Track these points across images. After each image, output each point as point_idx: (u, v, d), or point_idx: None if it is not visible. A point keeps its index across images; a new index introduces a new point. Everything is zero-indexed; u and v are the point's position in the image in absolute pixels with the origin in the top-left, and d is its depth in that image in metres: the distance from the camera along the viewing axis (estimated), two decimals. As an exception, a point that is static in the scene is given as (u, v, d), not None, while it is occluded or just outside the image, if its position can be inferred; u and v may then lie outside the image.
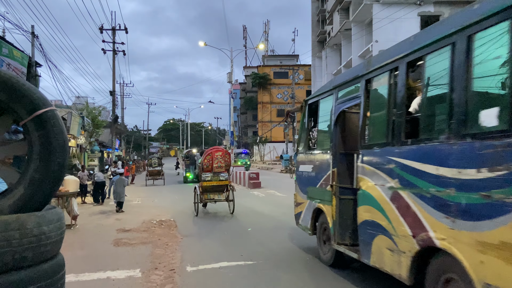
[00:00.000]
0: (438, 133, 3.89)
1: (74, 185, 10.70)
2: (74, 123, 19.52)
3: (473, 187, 3.37)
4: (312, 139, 7.67)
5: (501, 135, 3.08)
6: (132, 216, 12.34)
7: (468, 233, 3.41)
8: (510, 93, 3.05)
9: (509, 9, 3.04)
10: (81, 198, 15.94)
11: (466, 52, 3.54)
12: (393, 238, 4.53)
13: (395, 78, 4.73)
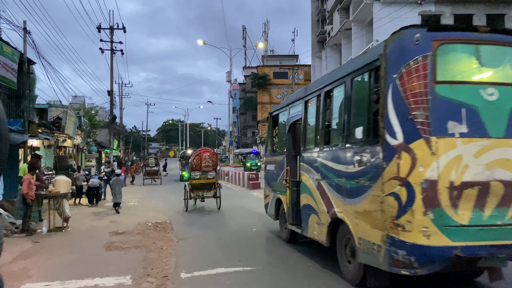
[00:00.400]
0: (337, 142, 5.85)
1: (66, 186, 10.24)
2: (69, 123, 19.06)
3: (352, 176, 5.19)
4: (274, 144, 9.54)
5: (364, 145, 4.98)
6: (127, 218, 11.88)
7: (350, 206, 5.20)
8: (376, 116, 4.65)
9: (374, 62, 4.83)
10: (74, 200, 15.48)
11: (350, 88, 5.45)
12: (318, 215, 6.31)
13: (318, 102, 6.61)
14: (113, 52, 32.81)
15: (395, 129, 4.36)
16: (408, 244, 4.17)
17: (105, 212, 13.37)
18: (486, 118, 4.33)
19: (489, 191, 4.27)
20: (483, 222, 4.25)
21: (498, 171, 4.30)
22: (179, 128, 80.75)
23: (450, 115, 4.30)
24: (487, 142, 4.32)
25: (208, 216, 12.45)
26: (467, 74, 4.56)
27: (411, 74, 4.34)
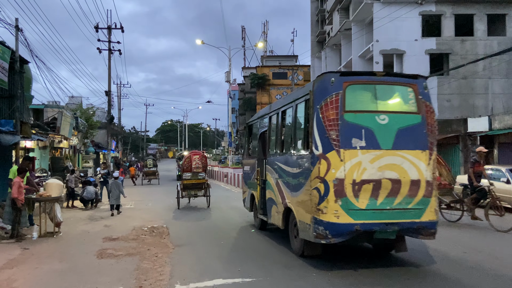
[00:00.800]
0: (287, 150, 7.59)
1: (58, 189, 9.78)
2: (65, 123, 18.60)
3: (295, 176, 6.88)
4: (249, 150, 11.34)
5: (302, 154, 6.69)
6: (122, 222, 11.43)
7: (294, 198, 6.94)
8: (307, 133, 6.52)
9: (306, 95, 6.55)
10: (67, 203, 15.02)
11: (295, 112, 7.32)
12: (277, 206, 8.07)
13: (277, 118, 8.41)
14: (111, 52, 32.34)
15: (318, 143, 6.16)
16: (325, 222, 5.98)
17: (100, 215, 12.91)
18: (379, 136, 6.15)
19: (380, 186, 6.05)
20: (376, 207, 6.04)
21: (387, 172, 6.10)
22: (178, 129, 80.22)
23: (354, 134, 6.09)
24: (379, 152, 6.11)
25: (205, 221, 12.00)
26: (366, 105, 6.38)
27: (328, 106, 6.16)
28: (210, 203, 14.93)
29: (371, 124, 6.14)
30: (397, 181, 6.08)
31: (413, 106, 6.51)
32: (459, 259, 7.10)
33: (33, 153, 17.51)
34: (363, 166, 6.02)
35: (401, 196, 6.10)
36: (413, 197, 6.13)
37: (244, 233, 9.90)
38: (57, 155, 22.07)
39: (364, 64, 37.06)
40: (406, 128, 6.28)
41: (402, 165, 6.14)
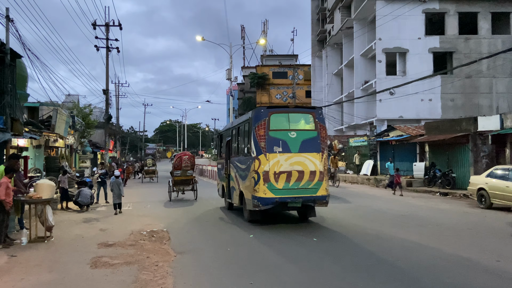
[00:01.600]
0: (240, 154, 11.64)
1: (49, 191, 8.96)
2: (60, 122, 17.76)
3: (244, 170, 10.85)
4: (220, 153, 15.21)
5: (247, 156, 10.65)
6: (120, 225, 10.62)
7: (244, 184, 10.85)
8: (249, 144, 10.47)
9: (247, 120, 10.65)
10: (61, 204, 14.21)
11: (243, 128, 11.27)
12: (235, 191, 11.72)
13: (233, 131, 12.48)
14: (109, 50, 31.56)
15: (254, 150, 9.95)
16: (258, 197, 9.75)
17: (96, 218, 12.09)
18: (290, 144, 9.95)
19: (291, 175, 9.84)
20: (288, 188, 9.81)
21: (295, 166, 9.88)
22: (177, 129, 79.33)
23: (274, 144, 9.86)
24: (290, 155, 9.91)
25: (207, 223, 11.21)
26: (282, 126, 10.09)
27: (260, 127, 9.88)
28: (197, 196, 17.30)
29: (286, 137, 10.02)
30: (301, 171, 9.94)
31: (312, 126, 10.34)
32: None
33: (26, 152, 16.66)
34: (280, 163, 9.88)
35: (304, 180, 9.94)
36: (311, 181, 9.98)
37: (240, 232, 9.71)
38: (53, 154, 21.21)
39: (366, 63, 36.34)
40: (307, 139, 10.16)
41: (304, 162, 9.98)
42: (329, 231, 9.69)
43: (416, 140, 20.33)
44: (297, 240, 8.73)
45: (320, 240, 8.65)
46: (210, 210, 13.91)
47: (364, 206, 14.09)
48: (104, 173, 16.12)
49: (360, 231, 9.58)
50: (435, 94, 31.86)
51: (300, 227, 10.20)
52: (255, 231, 9.57)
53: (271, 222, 10.68)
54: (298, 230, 9.75)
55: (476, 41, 32.15)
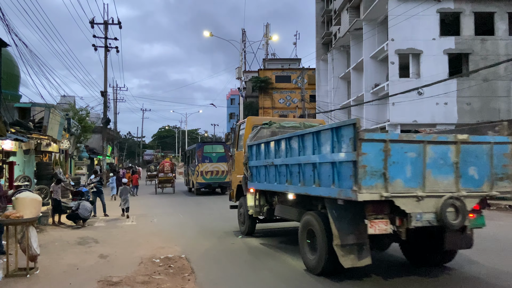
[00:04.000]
0: (191, 162, 25.99)
1: (32, 207, 6.67)
2: (53, 123, 15.46)
3: (193, 170, 24.36)
4: (185, 162, 30.97)
5: (193, 164, 25.04)
6: (125, 250, 8.32)
7: (193, 176, 24.49)
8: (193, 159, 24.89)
9: (194, 148, 25.48)
10: (53, 218, 11.91)
11: (191, 153, 26.43)
12: (192, 181, 25.07)
13: (190, 153, 26.92)
14: (108, 50, 29.29)
15: (196, 161, 23.25)
16: (198, 182, 23.00)
17: (94, 237, 9.78)
18: (213, 158, 23.13)
19: (212, 172, 22.92)
20: (211, 177, 22.87)
21: (214, 168, 22.99)
22: (176, 135, 76.82)
23: (205, 159, 23.09)
24: (212, 163, 23.02)
25: (235, 247, 8.93)
26: (210, 150, 23.63)
27: (199, 151, 23.39)
28: (174, 190, 25.54)
29: (211, 155, 22.97)
30: (217, 171, 22.64)
31: (222, 150, 23.03)
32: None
33: (14, 157, 14.35)
34: (207, 167, 22.62)
35: (218, 174, 22.64)
36: (222, 175, 22.50)
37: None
38: (45, 160, 18.86)
39: (377, 65, 34.36)
40: (220, 156, 22.81)
41: (219, 166, 22.58)
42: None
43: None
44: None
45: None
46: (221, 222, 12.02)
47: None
48: (99, 181, 13.82)
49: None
50: (451, 98, 29.91)
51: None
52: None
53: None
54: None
55: (493, 42, 30.32)
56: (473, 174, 5.54)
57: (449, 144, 5.45)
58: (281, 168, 7.21)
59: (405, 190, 5.18)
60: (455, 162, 5.43)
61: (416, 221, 5.22)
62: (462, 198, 5.33)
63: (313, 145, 6.11)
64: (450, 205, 5.28)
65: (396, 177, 5.14)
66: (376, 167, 5.05)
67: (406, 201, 5.18)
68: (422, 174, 5.25)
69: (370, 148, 5.05)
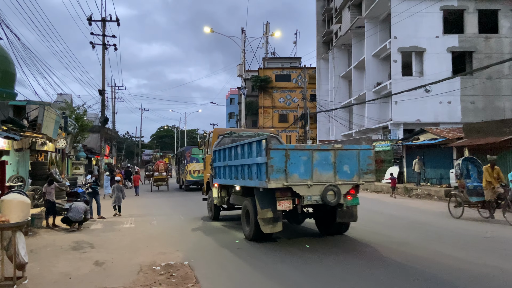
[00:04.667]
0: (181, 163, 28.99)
1: (20, 211, 6.01)
2: (48, 121, 14.78)
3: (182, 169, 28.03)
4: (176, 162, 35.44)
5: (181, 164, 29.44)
6: (122, 255, 7.67)
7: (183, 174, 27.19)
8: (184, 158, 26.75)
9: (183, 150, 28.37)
10: (47, 221, 11.26)
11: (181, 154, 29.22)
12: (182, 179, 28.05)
13: (180, 154, 30.20)
14: (106, 47, 28.61)
15: (185, 161, 25.56)
16: (187, 180, 25.17)
17: (90, 241, 9.12)
18: (200, 159, 22.32)
19: (199, 171, 23.44)
20: (197, 176, 24.08)
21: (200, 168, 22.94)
22: (175, 135, 76.08)
23: (192, 159, 24.92)
24: (198, 163, 23.84)
25: (243, 252, 8.29)
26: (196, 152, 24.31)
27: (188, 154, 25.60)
28: (168, 188, 26.48)
29: (198, 156, 22.94)
30: (200, 170, 22.57)
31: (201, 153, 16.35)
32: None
33: (7, 156, 13.67)
34: (194, 166, 24.41)
35: (201, 173, 21.95)
36: (201, 173, 20.60)
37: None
38: (41, 159, 18.19)
39: (379, 64, 33.78)
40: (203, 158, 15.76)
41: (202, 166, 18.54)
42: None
43: (456, 144, 17.64)
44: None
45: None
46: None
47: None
48: (94, 181, 13.14)
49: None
50: (455, 96, 29.37)
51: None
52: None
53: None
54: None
55: (497, 40, 29.78)
56: (346, 170, 7.99)
57: (329, 150, 7.95)
58: (232, 167, 9.56)
59: (300, 180, 7.64)
60: (333, 162, 7.88)
61: (307, 200, 7.72)
62: (338, 185, 7.79)
63: (247, 152, 8.52)
64: (330, 190, 7.71)
65: (293, 172, 7.59)
66: (280, 166, 7.50)
67: (300, 188, 7.65)
68: (311, 170, 7.72)
69: (276, 154, 7.50)
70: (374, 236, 9.15)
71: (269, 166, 7.40)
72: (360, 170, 8.06)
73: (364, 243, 8.43)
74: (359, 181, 8.03)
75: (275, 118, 48.91)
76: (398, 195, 19.44)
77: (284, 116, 48.86)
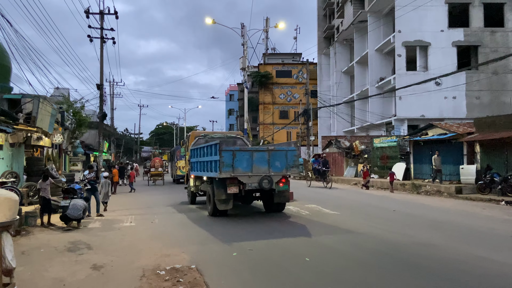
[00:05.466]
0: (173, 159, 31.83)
1: (7, 209, 5.25)
2: (43, 114, 14.00)
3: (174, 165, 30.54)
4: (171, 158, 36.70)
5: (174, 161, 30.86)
6: (123, 258, 6.93)
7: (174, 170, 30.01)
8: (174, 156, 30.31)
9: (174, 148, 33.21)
10: (41, 219, 10.52)
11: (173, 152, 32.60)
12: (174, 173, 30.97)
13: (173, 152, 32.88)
14: (104, 41, 27.69)
15: (175, 159, 28.20)
16: (177, 174, 27.49)
17: (87, 242, 8.37)
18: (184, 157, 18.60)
19: (183, 167, 23.61)
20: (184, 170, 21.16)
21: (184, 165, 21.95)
22: (174, 132, 75.21)
23: (182, 157, 24.14)
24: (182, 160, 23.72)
25: (258, 255, 7.57)
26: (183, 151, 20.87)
27: (178, 152, 26.91)
28: (164, 182, 27.72)
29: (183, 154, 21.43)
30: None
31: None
32: None
33: (1, 151, 12.90)
34: (182, 163, 23.97)
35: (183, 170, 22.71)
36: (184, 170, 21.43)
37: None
38: (37, 155, 17.42)
39: (382, 58, 33.06)
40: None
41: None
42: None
43: (467, 139, 16.95)
44: None
45: None
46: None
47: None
48: (94, 177, 12.35)
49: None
50: (460, 92, 28.70)
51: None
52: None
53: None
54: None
55: (503, 34, 29.09)
56: (277, 165, 10.57)
57: (265, 151, 10.64)
58: (201, 163, 12.27)
59: (243, 172, 10.23)
60: (268, 159, 10.46)
61: (248, 186, 10.33)
62: (271, 176, 10.36)
63: (209, 152, 11.22)
64: (265, 179, 10.26)
65: (238, 167, 10.19)
66: (229, 162, 10.09)
67: (243, 177, 10.26)
68: (251, 165, 10.29)
69: (226, 154, 10.13)
70: (394, 236, 8.45)
71: (221, 162, 10.11)
72: (288, 165, 10.68)
73: (385, 242, 7.72)
74: (287, 173, 10.72)
75: (275, 114, 48.13)
76: (406, 191, 18.76)
77: (284, 113, 48.10)
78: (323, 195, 17.73)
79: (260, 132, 48.10)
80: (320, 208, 12.97)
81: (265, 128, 48.58)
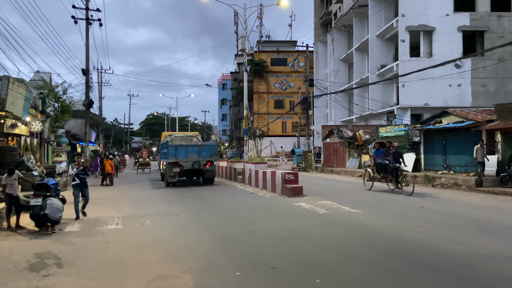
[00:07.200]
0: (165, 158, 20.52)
1: None
2: (15, 96, 11.92)
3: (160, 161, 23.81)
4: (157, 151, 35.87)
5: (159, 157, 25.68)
6: (102, 284, 5.07)
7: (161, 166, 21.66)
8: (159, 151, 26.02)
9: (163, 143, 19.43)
10: (8, 220, 8.61)
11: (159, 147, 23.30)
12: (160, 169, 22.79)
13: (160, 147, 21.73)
14: (89, 23, 25.47)
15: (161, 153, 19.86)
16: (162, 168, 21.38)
17: (59, 254, 6.46)
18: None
19: None
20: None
21: None
22: (165, 122, 72.80)
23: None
24: None
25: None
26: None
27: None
28: (150, 171, 31.30)
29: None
30: None
31: None
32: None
33: (-37, 140, 10.84)
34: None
35: None
36: None
37: None
38: (13, 144, 15.33)
39: (383, 45, 31.29)
40: None
41: None
42: None
43: (488, 127, 15.34)
44: None
45: None
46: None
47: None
48: (83, 170, 10.33)
49: None
50: (465, 79, 27.17)
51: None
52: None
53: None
54: None
55: (510, 19, 27.54)
56: (204, 154, 18.05)
57: (196, 146, 18.20)
58: (164, 153, 18.14)
59: (182, 159, 17.75)
60: (198, 150, 17.97)
61: (186, 167, 17.80)
62: (200, 161, 17.90)
63: (164, 146, 18.16)
64: (196, 162, 17.84)
65: (179, 155, 17.75)
66: (173, 153, 17.73)
67: (182, 161, 17.75)
68: (187, 154, 17.83)
69: (171, 148, 17.85)
70: (448, 244, 6.74)
71: (167, 153, 17.49)
72: (210, 154, 18.07)
73: (445, 254, 5.98)
74: (210, 158, 17.99)
75: (270, 103, 46.26)
76: (418, 184, 17.14)
77: (280, 102, 46.27)
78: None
79: (255, 122, 46.23)
80: (335, 204, 11.18)
81: (260, 118, 46.74)
